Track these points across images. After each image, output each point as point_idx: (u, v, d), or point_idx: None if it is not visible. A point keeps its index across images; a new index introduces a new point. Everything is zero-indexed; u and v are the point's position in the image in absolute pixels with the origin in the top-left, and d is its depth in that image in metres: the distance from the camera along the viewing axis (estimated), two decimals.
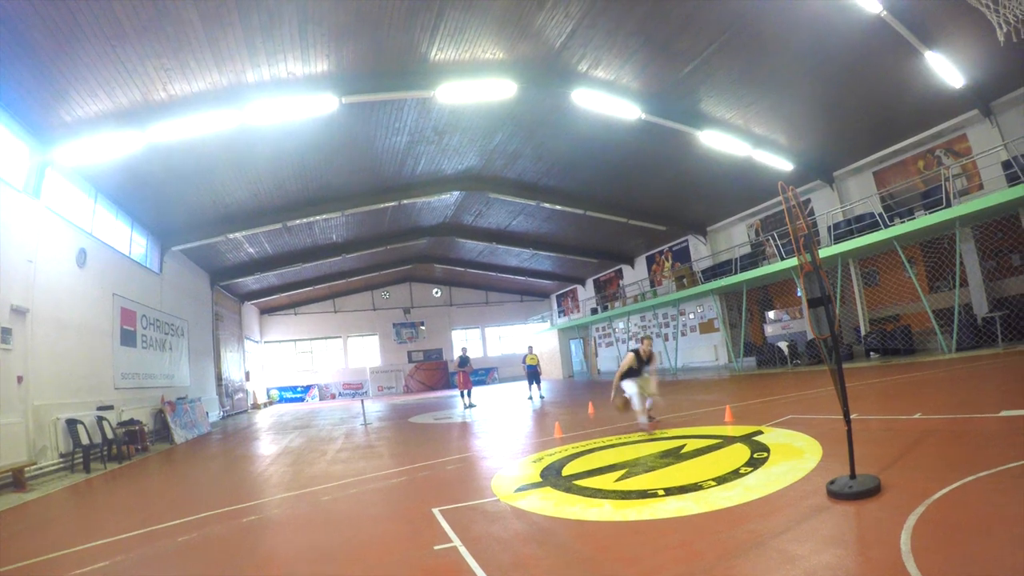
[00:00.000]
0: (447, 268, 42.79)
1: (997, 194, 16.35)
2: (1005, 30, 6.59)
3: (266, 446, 16.19)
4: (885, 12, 14.12)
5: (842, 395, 5.47)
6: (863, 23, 14.57)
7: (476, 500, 6.87)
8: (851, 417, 5.45)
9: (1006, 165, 16.99)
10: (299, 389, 43.86)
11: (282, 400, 43.04)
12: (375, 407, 28.87)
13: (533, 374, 23.01)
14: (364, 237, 29.89)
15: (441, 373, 46.53)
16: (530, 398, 22.67)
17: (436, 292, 48.29)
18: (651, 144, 21.16)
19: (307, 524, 6.63)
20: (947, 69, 16.51)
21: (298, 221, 23.31)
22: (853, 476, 5.33)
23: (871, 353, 20.68)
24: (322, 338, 45.56)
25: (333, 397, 44.16)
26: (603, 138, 20.54)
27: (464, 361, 22.94)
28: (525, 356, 23.56)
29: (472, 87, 15.52)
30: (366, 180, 21.89)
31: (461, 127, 19.28)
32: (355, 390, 44.30)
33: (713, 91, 18.19)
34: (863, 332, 21.90)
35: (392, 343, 46.69)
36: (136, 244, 20.24)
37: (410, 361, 46.74)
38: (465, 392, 22.69)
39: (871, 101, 18.55)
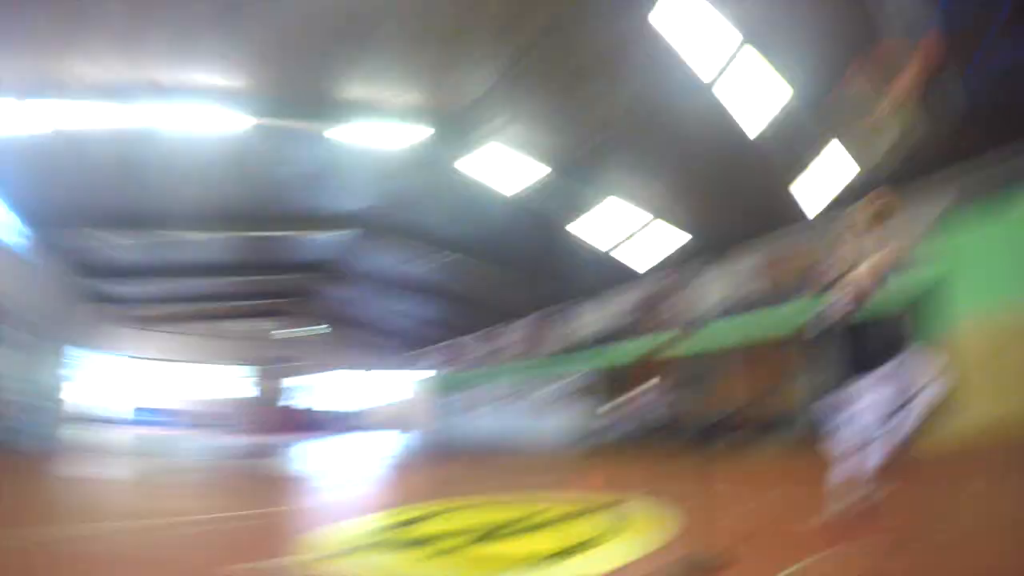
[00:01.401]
0: (334, 305, 41.44)
1: None
2: (889, 137, 6.87)
3: (94, 468, 15.42)
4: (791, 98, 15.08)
5: (704, 471, 5.44)
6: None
7: (291, 558, 6.33)
8: (711, 491, 5.40)
9: None
10: (151, 412, 41.48)
11: (134, 422, 40.06)
12: (214, 442, 28.07)
13: (383, 425, 22.46)
14: (242, 263, 28.78)
15: (292, 415, 43.81)
16: (382, 450, 21.90)
17: (317, 329, 46.46)
18: (555, 208, 21.40)
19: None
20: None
21: (177, 234, 22.44)
22: (706, 551, 5.26)
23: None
24: (182, 361, 43.22)
25: (198, 428, 41.48)
26: (504, 195, 20.61)
27: (308, 407, 22.23)
28: (378, 407, 22.95)
29: (380, 128, 15.34)
30: (254, 205, 21.33)
31: (363, 166, 19.08)
32: (217, 422, 41.57)
33: (621, 161, 18.66)
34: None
35: (267, 377, 44.79)
36: None
37: (280, 399, 44.73)
38: (306, 438, 21.92)
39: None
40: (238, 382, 44.60)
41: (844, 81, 6.29)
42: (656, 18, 12.28)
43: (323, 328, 45.89)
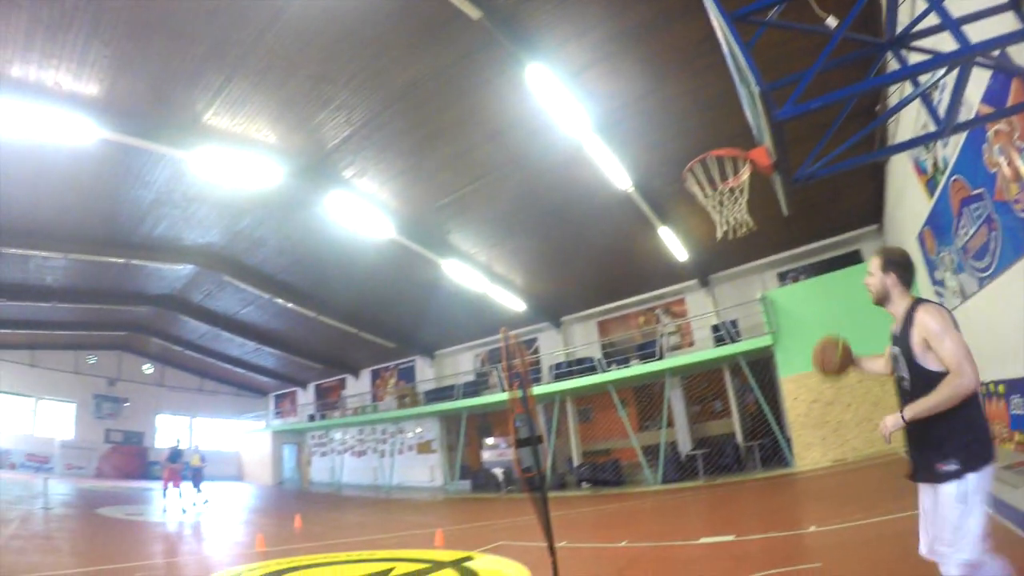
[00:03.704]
0: (164, 344, 38.80)
1: (705, 352, 19.32)
2: (724, 229, 7.40)
3: None
4: (633, 189, 15.86)
5: (547, 528, 5.57)
6: (612, 194, 16.20)
7: None
8: (562, 544, 5.54)
9: (715, 328, 19.78)
10: None
11: None
12: (60, 489, 25.11)
13: (197, 476, 21.03)
14: (82, 289, 26.29)
15: (141, 460, 40.99)
16: (193, 504, 20.11)
17: (148, 368, 42.83)
18: (396, 263, 21.33)
19: None
20: (676, 244, 18.80)
21: (14, 250, 19.92)
22: None
23: (583, 483, 21.51)
24: (10, 393, 37.48)
25: (12, 467, 36.64)
26: (351, 247, 20.37)
27: (175, 455, 20.56)
28: (190, 456, 21.40)
29: (235, 162, 14.79)
30: (100, 227, 19.53)
31: (212, 199, 18.10)
32: (40, 464, 36.96)
33: (464, 225, 18.99)
34: (576, 463, 23.05)
35: (90, 416, 40.35)
36: None
37: (107, 441, 40.51)
38: (172, 486, 20.25)
39: (608, 260, 20.65)
40: (63, 419, 39.72)
41: (682, 176, 6.82)
42: (526, 88, 12.62)
43: (148, 368, 43.09)
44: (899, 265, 3.52)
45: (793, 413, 17.04)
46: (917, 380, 3.28)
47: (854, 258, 19.01)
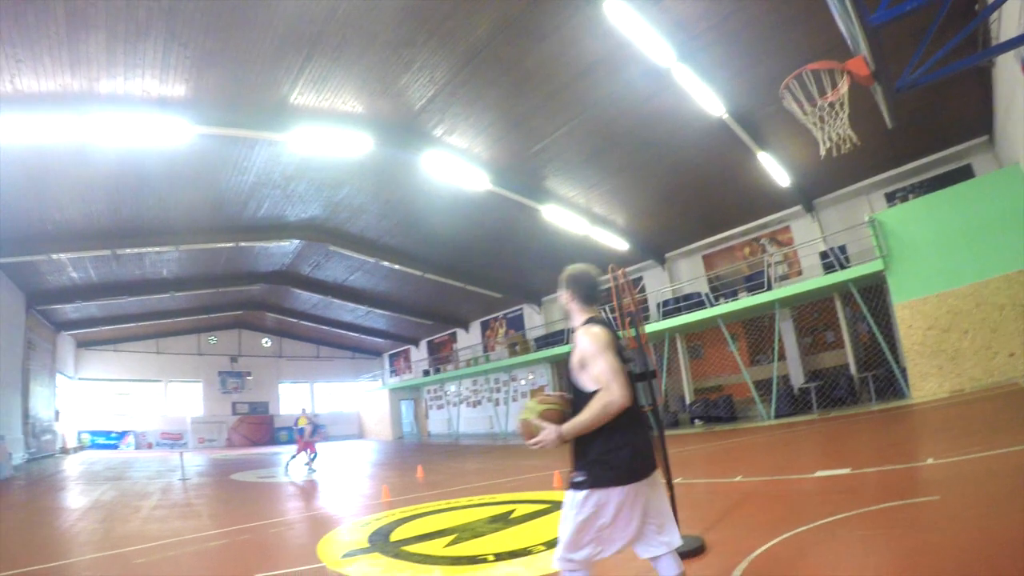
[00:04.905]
0: (279, 318, 40.67)
1: (814, 280, 18.45)
2: (827, 146, 7.16)
3: (75, 497, 14.72)
4: (727, 115, 15.34)
5: (664, 462, 5.63)
6: (706, 123, 15.75)
7: (301, 566, 6.49)
8: (677, 481, 5.60)
9: (823, 255, 18.93)
10: (113, 435, 39.09)
11: (94, 446, 37.95)
12: (195, 461, 26.92)
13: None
14: (196, 276, 28.15)
15: (266, 428, 43.72)
16: (307, 465, 20.33)
17: (266, 342, 45.70)
18: (495, 214, 21.52)
19: None
20: (777, 169, 18.12)
21: (129, 250, 21.47)
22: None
23: (696, 420, 21.48)
24: (142, 380, 40.96)
25: (150, 446, 39.71)
26: (449, 203, 20.61)
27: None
28: (297, 419, 21.88)
29: (327, 136, 15.18)
30: (206, 216, 20.68)
31: (309, 175, 18.75)
32: (174, 440, 40.18)
33: (559, 170, 18.83)
34: (688, 401, 22.97)
35: (216, 392, 43.30)
36: None
37: (234, 413, 43.46)
38: (302, 453, 20.99)
39: (707, 192, 20.09)
40: (191, 398, 42.83)
41: (779, 94, 6.59)
42: (606, 24, 12.35)
43: (267, 342, 45.35)
44: (576, 282, 3.75)
45: (908, 342, 16.10)
46: (576, 397, 3.54)
47: (966, 173, 17.74)
